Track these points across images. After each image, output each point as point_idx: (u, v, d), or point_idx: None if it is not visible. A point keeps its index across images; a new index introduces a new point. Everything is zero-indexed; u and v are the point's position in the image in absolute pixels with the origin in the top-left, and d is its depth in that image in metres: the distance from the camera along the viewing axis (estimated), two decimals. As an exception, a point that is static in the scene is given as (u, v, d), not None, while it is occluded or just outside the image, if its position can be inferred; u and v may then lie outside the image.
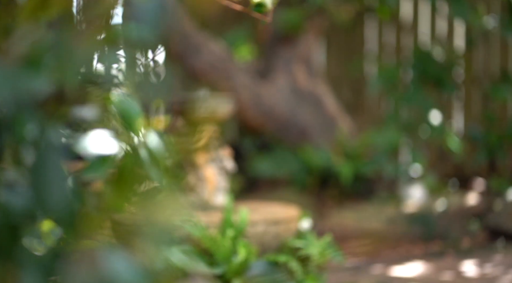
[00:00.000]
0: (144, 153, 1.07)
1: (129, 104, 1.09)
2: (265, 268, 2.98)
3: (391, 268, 4.47)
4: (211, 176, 3.27)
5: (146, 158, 1.07)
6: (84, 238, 0.93)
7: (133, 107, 1.09)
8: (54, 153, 0.94)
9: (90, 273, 0.88)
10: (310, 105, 6.04)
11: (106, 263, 0.89)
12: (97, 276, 0.87)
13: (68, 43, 0.99)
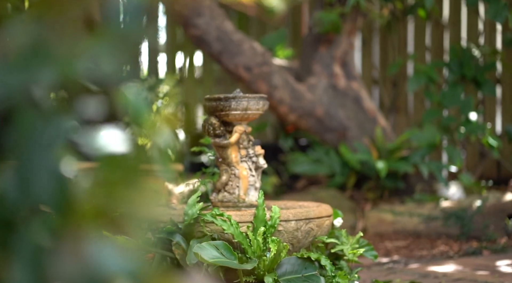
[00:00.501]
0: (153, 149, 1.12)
1: (138, 99, 1.13)
2: (296, 264, 3.02)
3: (426, 266, 4.48)
4: (244, 173, 3.32)
5: (155, 154, 1.11)
6: (72, 227, 0.95)
7: (142, 102, 1.13)
8: (43, 143, 0.98)
9: (76, 262, 0.90)
10: (349, 105, 6.06)
11: (93, 252, 0.92)
12: (84, 265, 0.89)
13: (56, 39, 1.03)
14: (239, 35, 5.80)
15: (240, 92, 3.34)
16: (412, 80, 6.02)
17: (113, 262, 0.91)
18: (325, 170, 5.97)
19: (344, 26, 6.02)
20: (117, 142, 1.11)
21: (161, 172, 1.11)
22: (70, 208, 0.93)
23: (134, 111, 1.13)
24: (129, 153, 1.07)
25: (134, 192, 1.01)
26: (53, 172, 0.95)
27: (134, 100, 1.13)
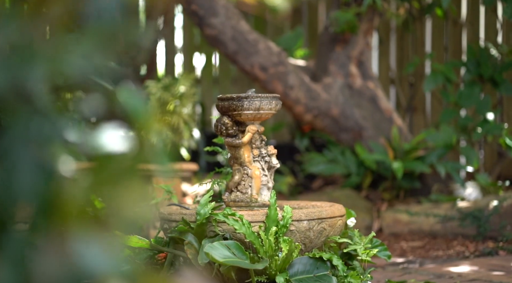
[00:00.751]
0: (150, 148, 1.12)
1: (136, 99, 1.13)
2: (308, 264, 3.02)
3: (442, 267, 4.46)
4: (257, 173, 3.32)
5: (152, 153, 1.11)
6: (58, 225, 0.95)
7: (139, 102, 1.13)
8: (28, 140, 0.98)
9: (60, 259, 0.90)
10: (365, 104, 6.05)
11: (78, 250, 0.91)
12: (68, 263, 0.89)
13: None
14: (254, 35, 5.80)
15: (253, 91, 3.34)
16: (428, 80, 5.99)
17: (99, 261, 0.91)
18: (341, 170, 5.96)
19: (360, 26, 6.01)
20: (114, 141, 1.11)
21: (159, 171, 1.11)
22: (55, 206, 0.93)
23: (132, 110, 1.13)
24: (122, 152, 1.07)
25: (121, 191, 1.01)
26: (38, 169, 0.95)
27: (132, 99, 1.13)
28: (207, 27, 5.67)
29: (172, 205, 3.43)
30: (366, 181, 5.96)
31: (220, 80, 8.23)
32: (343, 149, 6.05)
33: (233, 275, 2.95)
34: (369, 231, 5.49)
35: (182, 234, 3.06)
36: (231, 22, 5.70)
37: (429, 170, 5.67)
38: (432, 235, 5.29)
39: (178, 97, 6.67)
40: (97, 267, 0.89)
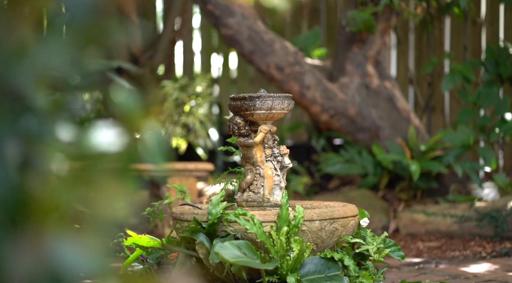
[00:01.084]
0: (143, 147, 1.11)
1: (129, 97, 1.13)
2: (319, 264, 3.01)
3: (458, 267, 4.43)
4: (269, 173, 3.31)
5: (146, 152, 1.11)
6: (32, 224, 0.95)
7: (132, 100, 1.13)
8: (13, 135, 0.98)
9: (36, 258, 0.89)
10: (382, 104, 6.03)
11: (53, 249, 0.91)
12: (43, 262, 0.89)
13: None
14: (270, 34, 5.79)
15: (265, 91, 3.33)
16: (446, 80, 5.96)
17: (76, 261, 0.90)
18: (357, 170, 5.94)
19: (377, 25, 5.99)
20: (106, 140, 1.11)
21: (154, 170, 1.11)
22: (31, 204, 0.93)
23: (125, 108, 1.12)
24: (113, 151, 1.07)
25: (96, 190, 1.01)
26: (8, 167, 0.95)
27: (125, 98, 1.13)
28: (223, 27, 5.68)
29: (184, 204, 3.43)
30: (383, 181, 5.93)
31: (237, 80, 8.24)
32: (360, 149, 6.03)
33: (244, 275, 2.95)
34: (385, 232, 5.47)
35: (194, 234, 3.05)
36: (247, 22, 5.69)
37: (446, 170, 5.64)
38: (449, 236, 5.26)
39: (195, 97, 6.68)
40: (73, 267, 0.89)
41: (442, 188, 5.86)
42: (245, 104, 3.28)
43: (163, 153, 1.13)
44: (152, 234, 5.08)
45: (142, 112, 1.13)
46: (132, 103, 1.13)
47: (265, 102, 3.27)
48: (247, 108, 3.28)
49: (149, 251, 3.24)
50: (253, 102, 3.27)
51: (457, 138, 5.74)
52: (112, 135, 1.13)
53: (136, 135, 1.14)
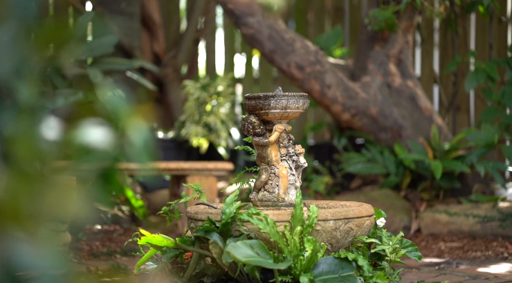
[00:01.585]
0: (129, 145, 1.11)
1: (117, 96, 1.13)
2: (333, 264, 2.99)
3: (478, 267, 4.39)
4: (284, 172, 3.30)
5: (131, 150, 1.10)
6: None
7: (120, 99, 1.12)
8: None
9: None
10: (404, 103, 5.99)
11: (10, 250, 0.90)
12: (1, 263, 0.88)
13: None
14: (291, 33, 5.78)
15: (280, 90, 3.32)
16: (469, 79, 5.89)
17: (31, 261, 0.90)
18: (379, 169, 5.90)
19: (399, 24, 5.94)
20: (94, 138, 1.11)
21: (139, 169, 1.10)
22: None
23: (112, 108, 1.12)
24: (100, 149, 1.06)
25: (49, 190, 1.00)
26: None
27: (112, 98, 1.12)
28: (244, 26, 5.67)
29: (200, 204, 3.43)
30: (405, 181, 5.89)
31: (260, 79, 8.23)
32: (381, 149, 5.99)
33: (257, 275, 2.93)
34: (407, 232, 5.43)
35: (207, 233, 3.05)
36: (268, 21, 5.68)
37: (469, 170, 5.58)
38: (471, 236, 5.21)
39: (216, 96, 6.67)
40: (29, 265, 0.88)
41: (465, 188, 5.80)
42: (259, 103, 3.27)
43: (149, 152, 1.12)
44: (172, 233, 5.08)
45: (129, 111, 1.13)
46: (119, 102, 1.12)
47: (280, 101, 3.25)
48: (261, 107, 3.27)
49: (164, 250, 3.24)
50: (267, 101, 3.25)
51: (481, 137, 5.68)
52: (99, 134, 1.12)
53: (122, 134, 1.14)
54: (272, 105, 3.25)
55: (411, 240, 5.19)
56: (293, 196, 3.31)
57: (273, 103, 3.25)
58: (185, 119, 6.75)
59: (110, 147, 1.11)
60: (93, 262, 4.50)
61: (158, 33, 7.91)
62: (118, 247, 4.82)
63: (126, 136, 1.13)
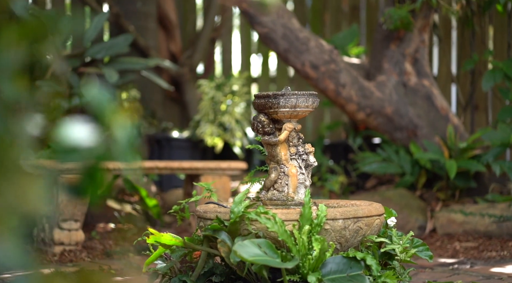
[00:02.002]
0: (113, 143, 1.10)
1: (101, 93, 1.12)
2: (341, 264, 2.97)
3: (492, 267, 4.36)
4: (293, 171, 3.28)
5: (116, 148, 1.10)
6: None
7: (105, 96, 1.12)
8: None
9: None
10: (420, 103, 5.96)
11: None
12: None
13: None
14: (305, 32, 5.76)
15: (289, 89, 3.31)
16: (486, 77, 5.85)
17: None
18: (394, 169, 5.87)
19: (415, 23, 5.91)
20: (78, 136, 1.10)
21: (124, 168, 1.10)
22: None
23: (97, 106, 1.11)
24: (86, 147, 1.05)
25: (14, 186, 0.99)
26: None
27: (97, 94, 1.11)
28: (258, 25, 5.66)
29: (210, 203, 3.42)
30: (421, 181, 5.86)
31: (277, 79, 8.22)
32: (397, 148, 5.96)
33: (265, 274, 2.92)
34: (422, 232, 5.40)
35: (216, 232, 3.04)
36: (282, 20, 5.67)
37: (485, 169, 5.54)
38: (487, 236, 5.18)
39: (231, 96, 6.67)
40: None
41: (482, 188, 5.76)
42: (269, 102, 3.26)
43: (133, 150, 1.11)
44: (186, 232, 5.08)
45: (114, 108, 1.12)
46: (104, 99, 1.12)
47: (289, 100, 3.24)
48: (271, 106, 3.26)
49: (173, 249, 3.24)
50: (277, 100, 3.24)
51: (497, 136, 5.64)
52: (84, 131, 1.12)
53: (107, 132, 1.13)
54: (281, 104, 3.24)
55: (426, 240, 5.17)
56: (303, 195, 3.30)
57: (282, 101, 3.24)
58: (200, 118, 6.75)
59: (96, 144, 1.11)
60: (106, 261, 4.51)
61: (174, 32, 7.92)
62: (132, 246, 4.82)
63: (112, 133, 1.13)
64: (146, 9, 7.59)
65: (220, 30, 8.13)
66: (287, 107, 3.25)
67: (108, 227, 5.44)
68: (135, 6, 7.54)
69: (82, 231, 4.74)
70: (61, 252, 4.61)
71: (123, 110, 1.12)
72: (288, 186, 3.30)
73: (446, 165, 5.47)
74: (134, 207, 5.75)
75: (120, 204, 5.68)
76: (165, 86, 6.44)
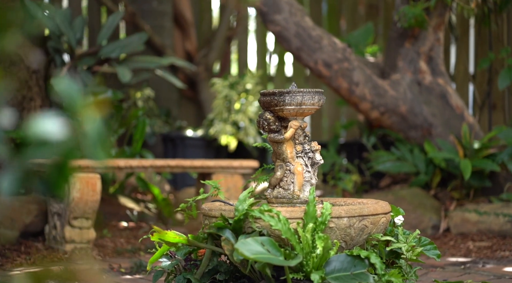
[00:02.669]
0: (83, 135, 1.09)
1: (71, 86, 1.11)
2: (346, 262, 2.95)
3: (504, 267, 4.32)
4: (299, 169, 3.27)
5: (86, 140, 1.09)
6: None
7: (74, 89, 1.11)
8: None
9: None
10: (434, 101, 5.92)
11: None
12: None
13: None
14: (318, 31, 5.74)
15: (296, 86, 3.29)
16: (502, 76, 5.81)
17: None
18: (408, 168, 5.83)
19: (430, 21, 5.87)
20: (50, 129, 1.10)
21: (93, 162, 1.09)
22: None
23: (67, 99, 1.10)
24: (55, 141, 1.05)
25: None
26: None
27: (67, 88, 1.11)
28: (271, 23, 5.65)
29: (216, 201, 3.41)
30: (435, 180, 5.81)
31: (293, 78, 8.20)
32: (411, 147, 5.92)
33: (268, 272, 2.91)
34: (436, 231, 5.37)
35: (220, 230, 3.03)
36: (295, 18, 5.65)
37: (499, 169, 5.49)
38: (501, 235, 5.13)
39: (245, 95, 6.66)
40: None
41: (497, 187, 5.71)
42: (274, 100, 3.24)
43: (103, 144, 1.11)
44: (197, 230, 5.08)
45: (84, 102, 1.11)
46: (74, 93, 1.11)
47: (295, 98, 3.22)
48: (276, 104, 3.24)
49: (179, 247, 3.23)
50: (282, 98, 3.23)
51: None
52: (55, 125, 1.11)
53: (78, 127, 1.12)
54: (287, 101, 3.22)
55: (440, 239, 5.14)
56: (308, 193, 3.28)
57: (288, 99, 3.22)
58: (213, 117, 6.75)
59: (65, 138, 1.10)
60: (117, 260, 4.51)
61: (190, 31, 7.93)
62: (143, 244, 4.83)
63: (82, 128, 1.12)
64: (162, 8, 7.61)
65: (236, 29, 8.12)
66: (292, 105, 3.23)
67: (120, 225, 5.45)
68: (151, 5, 7.55)
69: (93, 229, 4.75)
70: (72, 250, 4.62)
71: (93, 104, 1.11)
72: (294, 184, 3.28)
73: (460, 164, 5.42)
74: (146, 205, 5.76)
75: (133, 203, 5.69)
76: (179, 85, 6.44)
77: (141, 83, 7.24)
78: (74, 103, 1.11)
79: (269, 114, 3.28)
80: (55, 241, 4.75)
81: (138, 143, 5.63)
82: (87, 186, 4.62)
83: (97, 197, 4.66)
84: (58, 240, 4.71)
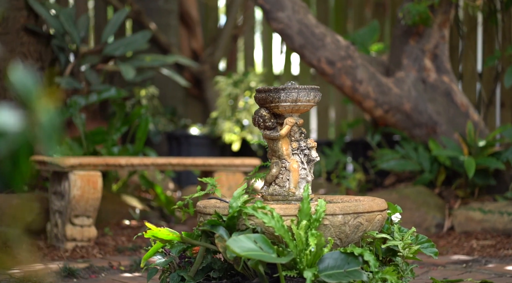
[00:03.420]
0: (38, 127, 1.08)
1: (26, 77, 1.10)
2: (339, 259, 2.93)
3: (506, 266, 4.29)
4: (294, 166, 3.25)
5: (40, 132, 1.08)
6: None
7: (29, 81, 1.10)
8: None
9: None
10: (439, 99, 5.88)
11: None
12: None
13: None
14: (321, 28, 5.71)
15: (292, 83, 3.27)
16: (508, 74, 5.77)
17: None
18: (413, 166, 5.80)
19: (435, 19, 5.84)
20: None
21: (45, 150, 1.08)
22: None
23: (22, 90, 1.09)
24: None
25: None
26: None
27: (22, 79, 1.09)
28: (274, 21, 5.63)
29: (212, 198, 3.40)
30: (440, 178, 5.78)
31: (299, 76, 8.17)
32: (416, 145, 5.89)
33: (261, 269, 2.89)
34: (440, 229, 5.33)
35: (213, 227, 3.02)
36: (298, 15, 5.63)
37: (504, 167, 5.45)
38: (505, 234, 5.10)
39: (249, 93, 6.64)
40: None
41: (502, 185, 5.67)
42: (270, 96, 3.22)
43: (56, 134, 1.09)
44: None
45: (38, 92, 1.10)
46: (29, 84, 1.10)
47: (290, 94, 3.21)
48: (272, 100, 3.22)
49: (173, 244, 3.22)
50: (277, 94, 3.21)
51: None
52: (10, 116, 1.10)
53: (33, 116, 1.11)
54: (282, 98, 3.21)
55: (444, 238, 5.11)
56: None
57: (283, 96, 3.21)
58: (217, 115, 6.74)
59: (21, 129, 1.09)
60: (117, 258, 4.51)
61: (196, 30, 7.92)
62: (144, 242, 4.82)
63: (36, 118, 1.11)
64: (168, 6, 7.60)
65: (242, 27, 8.11)
66: (288, 101, 3.21)
67: (122, 224, 5.45)
68: (157, 4, 7.55)
69: (94, 227, 4.75)
70: (73, 248, 4.62)
71: (46, 95, 1.10)
72: (289, 181, 3.26)
73: (464, 162, 5.39)
74: (149, 203, 5.75)
75: (135, 201, 5.68)
76: (183, 83, 6.43)
77: (146, 81, 7.24)
78: (29, 94, 1.10)
79: (264, 111, 3.26)
80: (56, 239, 4.75)
81: (140, 141, 5.62)
82: (88, 184, 4.62)
83: (98, 195, 4.66)
84: (60, 238, 4.71)
